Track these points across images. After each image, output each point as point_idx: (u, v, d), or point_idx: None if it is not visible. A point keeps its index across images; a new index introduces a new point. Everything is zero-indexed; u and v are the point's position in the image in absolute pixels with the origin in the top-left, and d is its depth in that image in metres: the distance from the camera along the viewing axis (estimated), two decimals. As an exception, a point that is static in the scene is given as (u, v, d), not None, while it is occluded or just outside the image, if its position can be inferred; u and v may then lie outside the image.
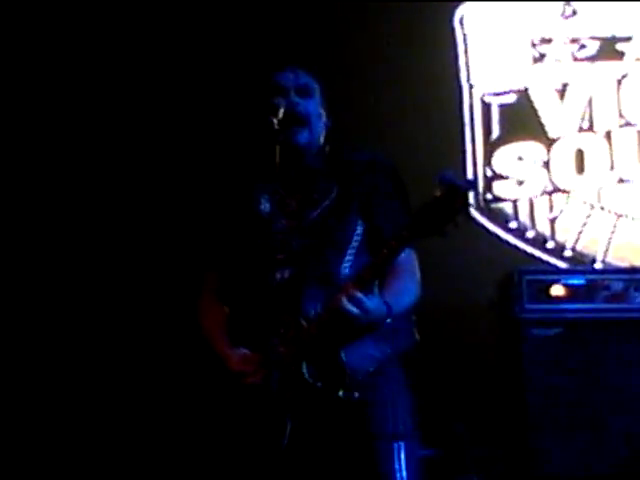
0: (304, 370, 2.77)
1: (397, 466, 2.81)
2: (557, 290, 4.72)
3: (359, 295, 2.69)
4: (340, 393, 2.77)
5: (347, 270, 2.89)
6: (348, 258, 2.91)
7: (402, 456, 2.82)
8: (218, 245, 3.09)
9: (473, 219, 5.36)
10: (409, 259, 2.99)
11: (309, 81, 3.04)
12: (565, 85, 5.48)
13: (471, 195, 5.50)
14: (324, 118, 3.05)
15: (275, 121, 2.87)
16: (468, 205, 2.71)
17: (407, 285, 2.94)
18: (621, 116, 5.45)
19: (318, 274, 2.85)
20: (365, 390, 2.80)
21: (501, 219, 5.33)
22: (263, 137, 2.97)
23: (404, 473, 2.80)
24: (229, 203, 3.06)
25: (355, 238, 2.93)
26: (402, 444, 2.83)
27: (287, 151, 2.94)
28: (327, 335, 2.77)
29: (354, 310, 2.69)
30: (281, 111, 2.88)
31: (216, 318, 3.03)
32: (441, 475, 4.49)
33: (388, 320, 2.80)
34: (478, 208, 5.43)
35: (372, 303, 2.72)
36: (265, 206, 2.97)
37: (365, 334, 2.78)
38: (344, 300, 2.68)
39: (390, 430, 2.83)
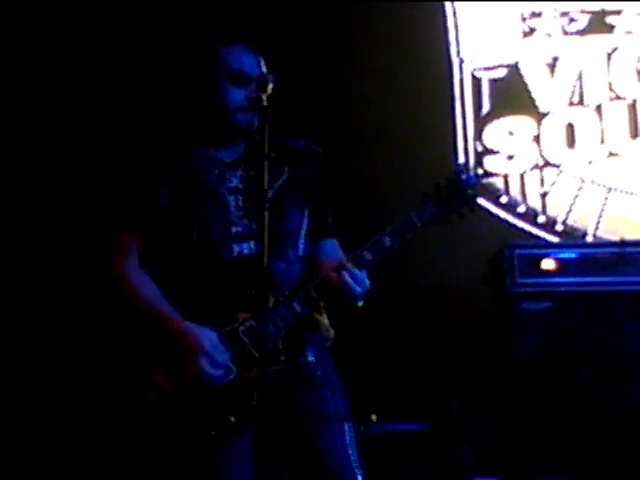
0: (280, 346, 2.76)
1: (349, 446, 2.83)
2: (548, 264, 4.74)
3: (361, 274, 2.76)
4: (301, 360, 2.81)
5: (302, 248, 2.91)
6: (301, 239, 2.93)
7: (352, 435, 2.84)
8: (153, 206, 2.90)
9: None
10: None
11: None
12: (555, 59, 5.48)
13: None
14: None
15: (264, 97, 2.79)
16: (475, 198, 2.79)
17: None
18: (611, 90, 5.45)
19: (278, 251, 2.80)
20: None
21: (492, 194, 5.34)
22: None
23: (355, 452, 2.83)
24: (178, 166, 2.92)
25: (305, 220, 2.95)
26: (350, 425, 2.86)
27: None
28: (311, 312, 2.81)
29: (357, 288, 2.74)
30: (270, 86, 2.81)
31: (152, 287, 2.87)
32: (435, 448, 4.55)
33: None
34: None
35: (368, 281, 2.78)
36: (213, 176, 2.90)
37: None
38: (347, 277, 2.73)
39: (334, 412, 2.83)
